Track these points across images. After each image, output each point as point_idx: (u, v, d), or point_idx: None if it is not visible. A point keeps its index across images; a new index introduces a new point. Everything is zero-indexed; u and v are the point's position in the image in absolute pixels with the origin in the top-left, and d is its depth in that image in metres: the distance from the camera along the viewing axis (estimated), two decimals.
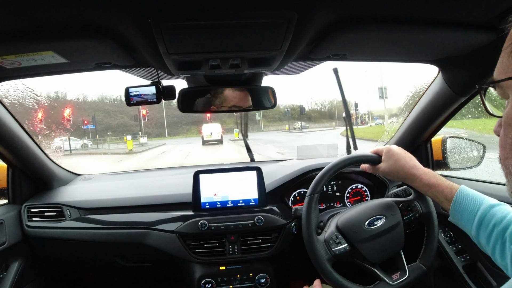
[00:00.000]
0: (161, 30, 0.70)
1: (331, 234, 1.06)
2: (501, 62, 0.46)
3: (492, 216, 0.75)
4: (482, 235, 0.76)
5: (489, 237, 0.74)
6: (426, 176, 0.93)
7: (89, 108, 51.65)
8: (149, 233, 1.35)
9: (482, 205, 0.78)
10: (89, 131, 33.59)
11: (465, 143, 1.53)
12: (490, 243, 0.74)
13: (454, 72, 1.15)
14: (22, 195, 1.46)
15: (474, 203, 0.80)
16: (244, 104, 1.23)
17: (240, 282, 1.36)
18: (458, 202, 0.83)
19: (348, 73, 34.63)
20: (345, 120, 1.66)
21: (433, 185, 0.91)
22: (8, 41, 0.75)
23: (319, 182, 1.08)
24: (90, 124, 31.33)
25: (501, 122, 0.48)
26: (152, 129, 49.47)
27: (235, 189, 1.41)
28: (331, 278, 0.99)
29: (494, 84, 0.47)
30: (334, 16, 0.75)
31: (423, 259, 1.05)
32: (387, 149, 1.02)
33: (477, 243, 0.80)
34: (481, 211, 0.77)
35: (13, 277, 1.29)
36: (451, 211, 0.84)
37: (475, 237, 0.79)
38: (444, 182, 0.89)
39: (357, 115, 38.98)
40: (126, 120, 49.48)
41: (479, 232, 0.77)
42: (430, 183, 0.92)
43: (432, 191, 0.91)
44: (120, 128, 47.32)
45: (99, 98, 56.33)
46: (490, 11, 0.74)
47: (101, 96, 56.46)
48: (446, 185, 0.88)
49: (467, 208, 0.81)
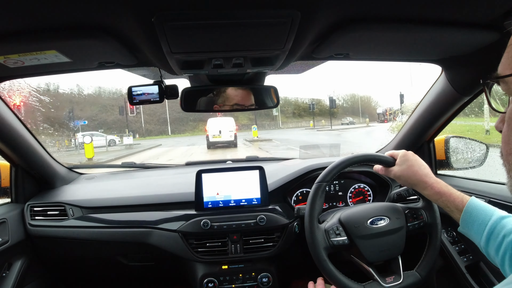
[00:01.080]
0: (164, 29, 0.70)
1: (332, 225, 1.06)
2: (507, 57, 0.46)
3: (502, 228, 0.75)
4: (492, 246, 0.76)
5: (499, 248, 0.74)
6: (438, 185, 0.93)
7: (83, 102, 45.63)
8: (152, 232, 1.35)
9: (492, 217, 0.78)
10: (80, 128, 26.82)
11: (468, 143, 1.53)
12: (499, 255, 0.74)
13: (457, 72, 1.15)
14: (25, 194, 1.47)
15: (484, 214, 0.80)
16: (246, 103, 1.23)
17: (243, 281, 1.37)
18: (468, 212, 0.83)
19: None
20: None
21: (444, 194, 0.90)
22: (11, 40, 0.75)
23: (330, 172, 1.07)
24: (80, 120, 27.17)
25: (503, 118, 0.48)
26: (154, 126, 44.29)
27: (238, 189, 1.41)
28: (324, 266, 0.99)
29: (499, 80, 0.47)
30: (337, 15, 0.75)
31: (420, 268, 1.05)
32: (403, 153, 1.02)
33: (486, 254, 0.79)
34: (491, 222, 0.77)
35: (16, 275, 1.30)
36: (461, 221, 0.84)
37: (484, 248, 0.79)
38: (455, 192, 0.89)
39: (391, 111, 34.29)
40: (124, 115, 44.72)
41: (488, 243, 0.77)
42: (441, 191, 0.91)
43: (443, 200, 0.91)
44: (117, 124, 41.15)
45: (96, 91, 49.55)
46: (493, 11, 0.74)
47: (98, 89, 49.61)
48: (457, 195, 0.88)
49: (478, 219, 0.80)
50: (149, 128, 43.69)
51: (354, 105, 61.32)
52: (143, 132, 41.75)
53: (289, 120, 51.22)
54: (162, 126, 45.47)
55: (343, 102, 67.84)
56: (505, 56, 0.46)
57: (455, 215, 0.87)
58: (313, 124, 40.50)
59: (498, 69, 0.47)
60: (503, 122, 0.48)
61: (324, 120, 45.65)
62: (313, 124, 40.50)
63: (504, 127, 0.47)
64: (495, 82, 0.49)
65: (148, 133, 41.76)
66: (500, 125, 0.49)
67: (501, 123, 0.49)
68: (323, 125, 41.14)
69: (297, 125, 46.95)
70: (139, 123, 43.61)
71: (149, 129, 43.23)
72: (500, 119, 0.49)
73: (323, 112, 53.04)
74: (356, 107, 60.01)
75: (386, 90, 76.11)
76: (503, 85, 0.46)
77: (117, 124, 40.88)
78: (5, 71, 0.95)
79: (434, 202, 0.97)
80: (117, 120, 41.10)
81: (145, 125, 43.66)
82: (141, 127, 42.89)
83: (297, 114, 54.20)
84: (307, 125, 44.21)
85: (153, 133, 43.19)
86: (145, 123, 43.91)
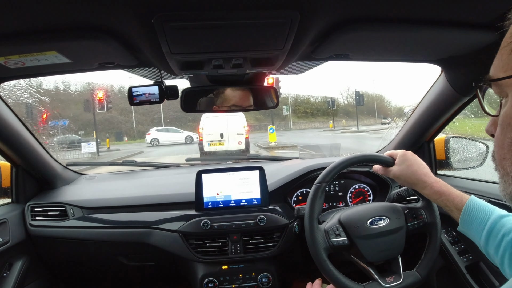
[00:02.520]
0: (164, 30, 0.70)
1: (332, 226, 1.06)
2: (500, 59, 0.45)
3: (501, 227, 0.75)
4: (491, 245, 0.76)
5: (498, 247, 0.74)
6: (437, 184, 0.93)
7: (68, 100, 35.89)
8: (152, 232, 1.36)
9: (492, 216, 0.78)
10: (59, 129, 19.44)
11: (468, 143, 1.52)
12: (498, 254, 0.74)
13: (456, 72, 1.15)
14: (26, 194, 1.47)
15: (484, 213, 0.80)
16: (246, 104, 1.23)
17: (243, 281, 1.37)
18: (468, 211, 0.83)
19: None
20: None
21: (444, 193, 0.90)
22: (12, 41, 0.75)
23: (329, 172, 1.08)
24: (60, 120, 20.56)
25: (494, 121, 0.48)
26: (148, 127, 35.26)
27: (238, 189, 1.41)
28: (324, 267, 0.99)
29: (491, 83, 0.46)
30: (336, 16, 0.75)
31: (420, 268, 1.05)
32: (402, 153, 1.03)
33: (485, 253, 0.79)
34: (490, 222, 0.77)
35: (17, 275, 1.30)
36: (460, 220, 0.84)
37: (484, 248, 0.78)
38: (455, 192, 0.90)
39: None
40: (113, 114, 36.10)
41: (488, 243, 0.77)
42: (441, 191, 0.91)
43: (442, 199, 0.91)
44: (104, 124, 34.49)
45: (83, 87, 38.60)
46: (493, 11, 0.74)
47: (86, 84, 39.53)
48: (457, 194, 0.88)
49: (477, 218, 0.80)
50: (142, 130, 36.19)
51: (368, 104, 53.03)
52: (134, 134, 35.71)
53: (301, 120, 44.98)
54: (157, 126, 36.80)
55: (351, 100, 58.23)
56: (498, 58, 0.46)
57: (455, 214, 0.87)
58: (332, 125, 35.06)
59: (490, 72, 0.47)
60: (495, 125, 0.47)
61: (345, 120, 40.50)
62: (332, 125, 35.06)
63: (497, 131, 0.46)
64: (487, 85, 0.48)
65: (140, 135, 34.75)
66: (491, 129, 0.49)
67: (492, 126, 0.49)
68: (344, 125, 36.36)
69: (310, 126, 41.54)
70: (130, 124, 37.68)
71: (141, 131, 35.88)
72: (491, 123, 0.49)
73: (339, 111, 46.42)
74: (371, 107, 52.82)
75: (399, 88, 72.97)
76: (496, 88, 0.46)
77: (104, 125, 34.30)
78: (6, 72, 0.95)
79: (434, 202, 0.98)
80: (105, 120, 34.81)
81: (137, 126, 37.51)
82: (132, 129, 37.03)
83: (310, 113, 47.80)
84: (321, 125, 39.64)
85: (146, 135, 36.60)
86: (137, 123, 37.85)
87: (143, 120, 38.57)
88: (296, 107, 46.44)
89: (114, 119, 36.66)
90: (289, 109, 30.19)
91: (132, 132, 36.57)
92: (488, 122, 0.50)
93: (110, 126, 35.47)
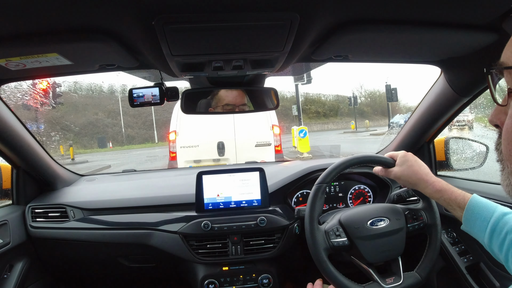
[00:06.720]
0: (165, 32, 0.70)
1: (332, 226, 1.06)
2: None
3: (504, 224, 0.75)
4: (495, 243, 0.76)
5: (502, 245, 0.74)
6: (439, 183, 0.93)
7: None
8: (153, 234, 1.36)
9: (494, 213, 0.78)
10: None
11: (468, 144, 1.53)
12: (503, 251, 0.74)
13: (456, 73, 1.15)
14: (26, 195, 1.47)
15: (486, 211, 0.80)
16: (246, 105, 1.24)
17: (243, 282, 1.37)
18: (471, 209, 0.83)
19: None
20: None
21: (446, 192, 0.90)
22: (13, 43, 0.75)
23: (330, 173, 1.08)
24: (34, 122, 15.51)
25: (498, 111, 0.45)
26: (138, 131, 32.10)
27: (238, 190, 1.41)
28: (324, 268, 1.00)
29: (503, 70, 0.43)
30: (336, 17, 0.75)
31: (420, 269, 1.05)
32: (402, 154, 1.03)
33: (490, 251, 0.79)
34: (493, 219, 0.77)
35: (17, 277, 1.30)
36: (463, 218, 0.84)
37: (488, 245, 0.78)
38: (456, 190, 0.90)
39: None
40: (100, 117, 32.24)
41: (491, 240, 0.77)
42: (442, 189, 0.92)
43: (444, 198, 0.91)
44: (88, 128, 30.11)
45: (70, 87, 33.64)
46: (492, 12, 0.74)
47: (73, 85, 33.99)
48: (459, 193, 0.89)
49: (480, 216, 0.80)
50: (131, 134, 31.81)
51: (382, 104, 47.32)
52: (123, 139, 31.20)
53: (312, 122, 38.89)
54: (149, 131, 32.70)
55: (369, 100, 53.13)
56: (510, 45, 0.43)
57: (457, 213, 0.87)
58: (355, 126, 30.65)
59: (501, 58, 0.44)
60: (499, 116, 0.45)
61: (368, 120, 35.31)
62: (355, 126, 30.65)
63: (507, 122, 0.42)
64: (498, 73, 0.45)
65: (129, 140, 31.01)
66: (494, 119, 0.46)
67: (496, 116, 0.45)
68: (367, 126, 31.51)
69: (323, 128, 36.71)
70: (118, 127, 32.23)
71: (130, 135, 31.63)
72: (496, 112, 0.46)
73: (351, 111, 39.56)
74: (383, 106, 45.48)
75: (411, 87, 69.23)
76: (508, 76, 0.42)
77: (87, 129, 30.07)
78: (7, 74, 0.96)
79: (436, 201, 0.97)
80: (89, 123, 30.61)
81: (126, 129, 32.12)
82: (120, 133, 31.99)
83: (322, 114, 42.92)
84: (335, 127, 35.61)
85: (135, 140, 31.43)
86: (127, 127, 32.36)
87: (133, 123, 33.09)
88: (306, 106, 41.52)
89: (99, 122, 31.54)
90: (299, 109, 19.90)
91: (120, 136, 31.72)
92: (491, 112, 0.46)
93: (95, 130, 30.59)
